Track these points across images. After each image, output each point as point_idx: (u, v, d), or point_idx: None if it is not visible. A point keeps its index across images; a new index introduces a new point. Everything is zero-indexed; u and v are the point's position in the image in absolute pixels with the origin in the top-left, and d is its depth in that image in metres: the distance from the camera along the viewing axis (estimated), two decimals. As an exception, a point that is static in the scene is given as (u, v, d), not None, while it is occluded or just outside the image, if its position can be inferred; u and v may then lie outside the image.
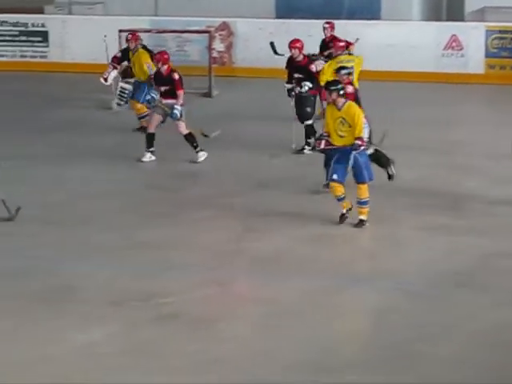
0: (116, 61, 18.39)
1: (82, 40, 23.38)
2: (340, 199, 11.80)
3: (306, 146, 15.85)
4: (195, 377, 8.38)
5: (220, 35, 23.56)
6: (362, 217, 11.82)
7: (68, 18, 24.99)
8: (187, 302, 10.38)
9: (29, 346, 8.88)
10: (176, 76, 15.69)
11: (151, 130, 15.89)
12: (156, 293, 10.25)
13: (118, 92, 18.58)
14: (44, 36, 24.14)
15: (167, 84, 15.79)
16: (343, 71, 13.39)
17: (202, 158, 15.83)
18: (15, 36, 24.28)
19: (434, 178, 14.79)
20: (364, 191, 11.75)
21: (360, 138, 11.45)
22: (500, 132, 16.59)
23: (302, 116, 16.00)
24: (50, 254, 11.62)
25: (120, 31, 20.51)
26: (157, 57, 16.37)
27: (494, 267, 11.32)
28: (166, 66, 15.69)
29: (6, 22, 24.08)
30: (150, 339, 9.30)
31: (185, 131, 15.72)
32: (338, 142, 11.72)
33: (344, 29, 20.08)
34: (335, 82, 11.86)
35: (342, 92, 11.42)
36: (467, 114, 20.35)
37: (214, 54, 22.62)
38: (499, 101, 20.67)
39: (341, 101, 11.34)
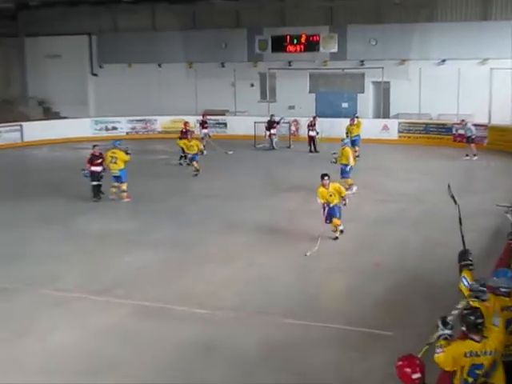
0: None
1: (241, 123, 29.16)
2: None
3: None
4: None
5: (293, 124, 28.46)
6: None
7: (234, 117, 30.60)
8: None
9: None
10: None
11: None
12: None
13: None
14: (225, 124, 30.40)
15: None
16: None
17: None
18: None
19: (378, 184, 18.95)
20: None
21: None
22: (405, 162, 23.53)
23: None
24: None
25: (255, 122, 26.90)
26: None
27: (402, 215, 15.56)
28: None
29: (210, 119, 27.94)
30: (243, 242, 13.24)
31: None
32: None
33: (342, 122, 25.37)
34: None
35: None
36: (390, 156, 25.07)
37: (292, 131, 27.90)
38: (404, 150, 26.00)
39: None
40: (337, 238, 13.33)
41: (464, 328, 5.62)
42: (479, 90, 26.68)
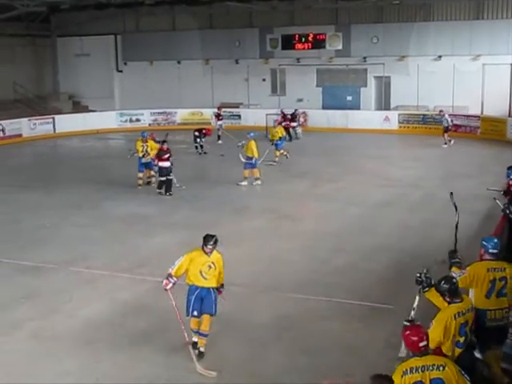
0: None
1: (253, 115, 28.89)
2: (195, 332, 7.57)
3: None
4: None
5: (302, 115, 28.12)
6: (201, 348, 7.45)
7: (247, 110, 30.58)
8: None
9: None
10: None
11: None
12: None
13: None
14: (239, 116, 30.24)
15: None
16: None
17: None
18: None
19: (380, 170, 18.77)
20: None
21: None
22: (404, 150, 23.90)
23: None
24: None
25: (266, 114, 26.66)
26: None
27: (401, 199, 15.37)
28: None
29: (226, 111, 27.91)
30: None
31: None
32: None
33: (347, 113, 27.39)
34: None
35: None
36: (391, 143, 25.40)
37: (300, 122, 27.04)
38: (403, 139, 26.29)
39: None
40: (201, 353, 7.49)
41: (446, 296, 5.67)
42: (473, 83, 26.65)
